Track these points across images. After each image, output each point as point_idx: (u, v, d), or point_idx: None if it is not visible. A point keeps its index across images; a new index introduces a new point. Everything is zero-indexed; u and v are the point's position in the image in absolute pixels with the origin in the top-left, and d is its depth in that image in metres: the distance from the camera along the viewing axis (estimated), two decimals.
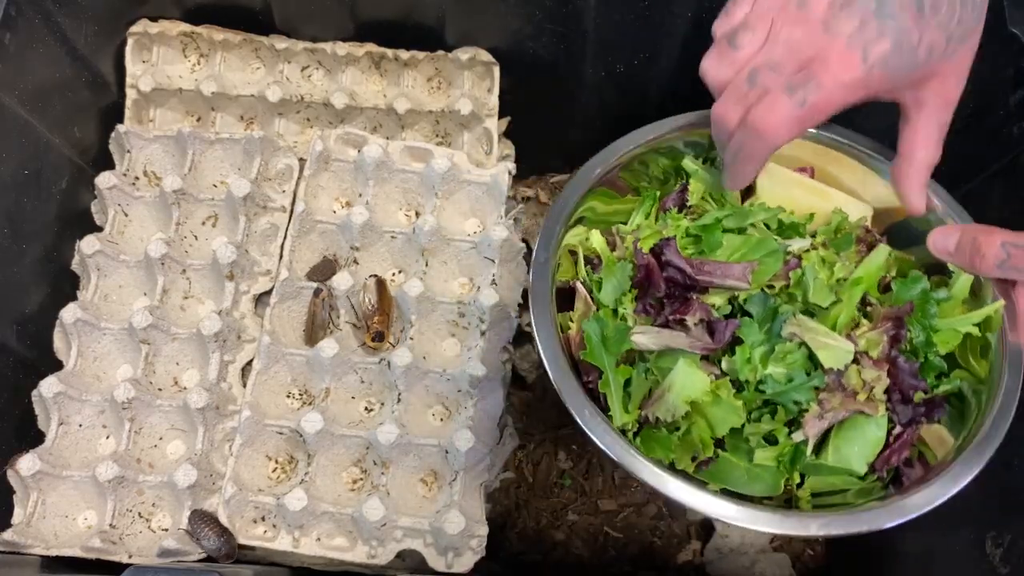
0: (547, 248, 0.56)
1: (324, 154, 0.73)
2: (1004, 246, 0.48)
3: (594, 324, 0.53)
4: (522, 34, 0.77)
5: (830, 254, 0.55)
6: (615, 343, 0.52)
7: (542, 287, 0.54)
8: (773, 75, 0.47)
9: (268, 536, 0.64)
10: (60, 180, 0.71)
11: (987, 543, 0.60)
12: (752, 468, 0.51)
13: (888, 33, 0.46)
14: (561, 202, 0.58)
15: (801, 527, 0.47)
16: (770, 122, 0.47)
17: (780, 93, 0.46)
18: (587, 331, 0.53)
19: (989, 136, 0.65)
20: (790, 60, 0.47)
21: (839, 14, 0.46)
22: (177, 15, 0.77)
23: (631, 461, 0.49)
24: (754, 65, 0.48)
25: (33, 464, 0.62)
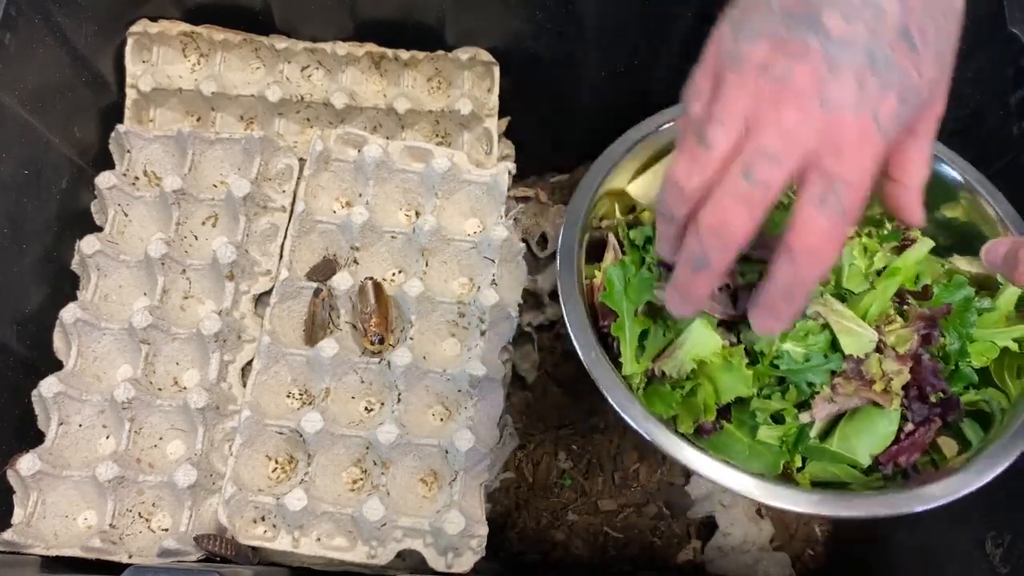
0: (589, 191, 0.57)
1: (324, 154, 0.73)
2: None
3: (619, 270, 0.54)
4: (522, 34, 0.77)
5: (873, 243, 0.54)
6: (636, 291, 0.53)
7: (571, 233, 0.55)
8: (775, 168, 0.39)
9: (268, 536, 0.64)
10: (60, 180, 0.71)
11: (987, 543, 0.60)
12: (754, 444, 0.51)
13: (891, 86, 0.39)
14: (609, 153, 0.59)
15: (791, 501, 0.47)
16: (820, 242, 0.39)
17: (810, 210, 0.39)
18: (611, 275, 0.54)
19: (989, 136, 0.65)
20: (789, 150, 0.39)
21: (830, 81, 0.39)
22: (177, 15, 0.77)
23: (627, 407, 0.49)
24: (745, 160, 0.39)
25: (33, 464, 0.62)
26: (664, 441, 0.48)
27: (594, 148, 0.61)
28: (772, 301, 0.42)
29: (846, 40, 0.39)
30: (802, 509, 0.47)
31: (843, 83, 0.39)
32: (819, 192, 0.39)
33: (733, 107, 0.40)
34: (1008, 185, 0.63)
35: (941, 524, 0.66)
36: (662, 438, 0.48)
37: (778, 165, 0.39)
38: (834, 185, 0.39)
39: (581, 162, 0.87)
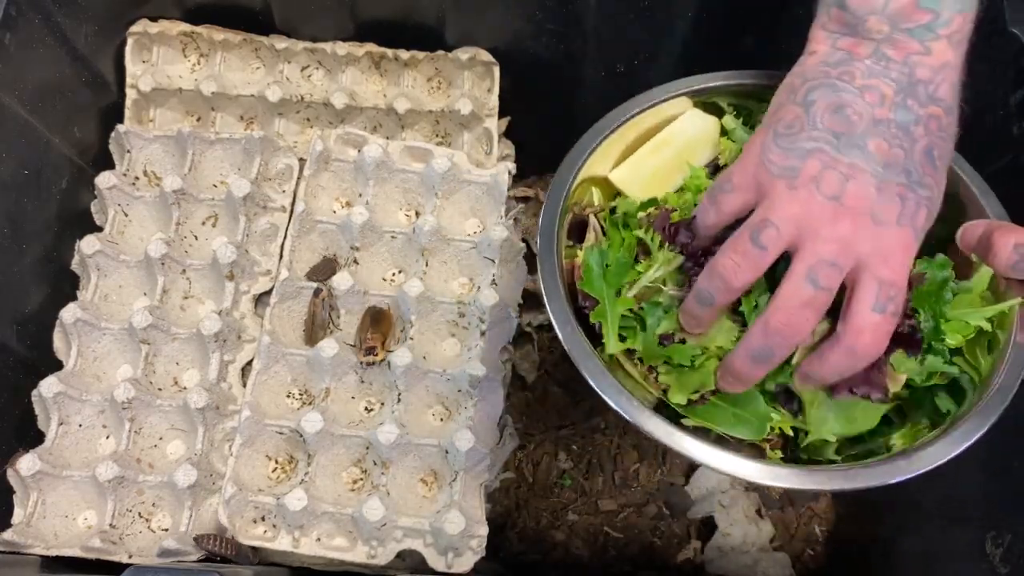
0: (570, 171, 0.56)
1: (324, 154, 0.73)
2: (1017, 248, 0.48)
3: (596, 254, 0.53)
4: (522, 34, 0.77)
5: None
6: (615, 274, 0.53)
7: (553, 209, 0.55)
8: (835, 273, 0.44)
9: (268, 536, 0.64)
10: (60, 180, 0.71)
11: (987, 543, 0.60)
12: (738, 412, 0.51)
13: (923, 203, 0.45)
14: (591, 134, 0.58)
15: (771, 477, 0.47)
16: (878, 341, 0.45)
17: (868, 314, 0.44)
18: (587, 261, 0.53)
19: (989, 136, 0.64)
20: (847, 257, 0.44)
21: (878, 200, 0.44)
22: (177, 15, 0.77)
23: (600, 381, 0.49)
24: (812, 265, 0.44)
25: (33, 464, 0.62)
26: (637, 414, 0.49)
27: None
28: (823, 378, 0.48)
29: (889, 162, 0.45)
30: (769, 482, 0.48)
31: (889, 200, 0.44)
32: (876, 298, 0.44)
33: (788, 215, 0.45)
34: (1008, 185, 0.63)
35: (941, 524, 0.66)
36: (634, 411, 0.49)
37: (838, 271, 0.44)
38: (890, 291, 0.44)
39: None
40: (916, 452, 0.48)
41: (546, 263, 0.53)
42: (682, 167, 0.59)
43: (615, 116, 0.60)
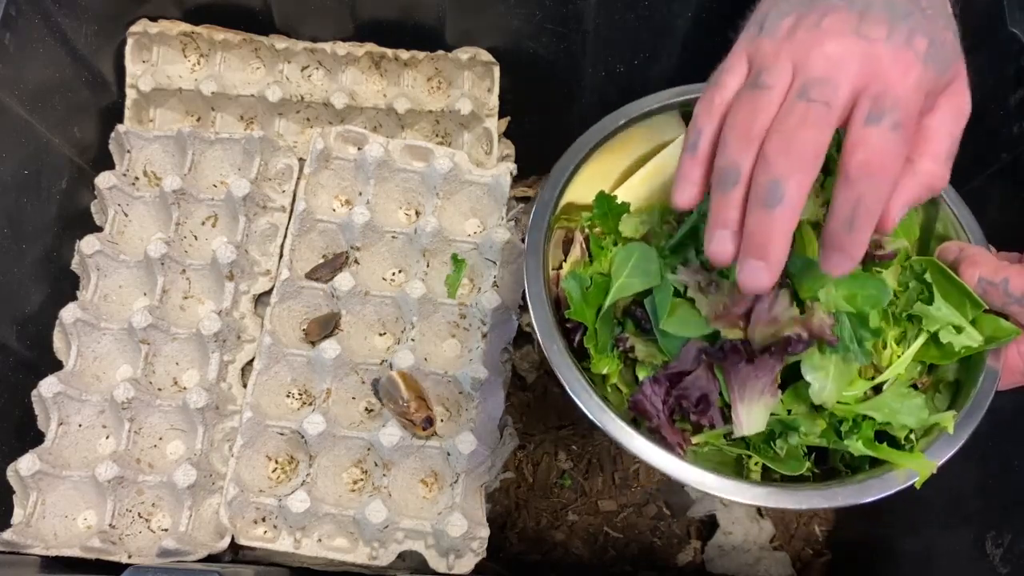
0: (552, 191, 0.56)
1: (325, 152, 0.73)
2: (981, 282, 0.48)
3: (573, 281, 0.53)
4: (522, 34, 0.77)
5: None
6: (595, 296, 0.53)
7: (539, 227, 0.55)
8: (828, 88, 0.40)
9: (269, 537, 0.64)
10: (60, 180, 0.71)
11: (987, 543, 0.60)
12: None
13: (919, 31, 0.41)
14: (575, 148, 0.58)
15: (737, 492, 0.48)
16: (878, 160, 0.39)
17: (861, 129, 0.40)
18: (568, 288, 0.53)
19: (989, 136, 0.65)
20: (837, 73, 0.40)
21: (862, 23, 0.41)
22: (177, 15, 0.77)
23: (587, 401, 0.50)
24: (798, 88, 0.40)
25: (33, 464, 0.62)
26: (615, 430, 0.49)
27: None
28: (836, 237, 0.41)
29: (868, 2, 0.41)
30: (748, 501, 0.48)
31: (875, 23, 0.41)
32: (868, 111, 0.40)
33: (778, 56, 0.42)
34: (1008, 185, 0.63)
35: (941, 524, 0.66)
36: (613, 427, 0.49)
37: (831, 87, 0.40)
38: (884, 103, 0.40)
39: None
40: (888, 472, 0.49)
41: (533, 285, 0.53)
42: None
43: (598, 131, 0.59)
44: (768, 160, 0.40)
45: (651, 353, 0.52)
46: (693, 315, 0.49)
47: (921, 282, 0.51)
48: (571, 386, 0.50)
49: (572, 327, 0.54)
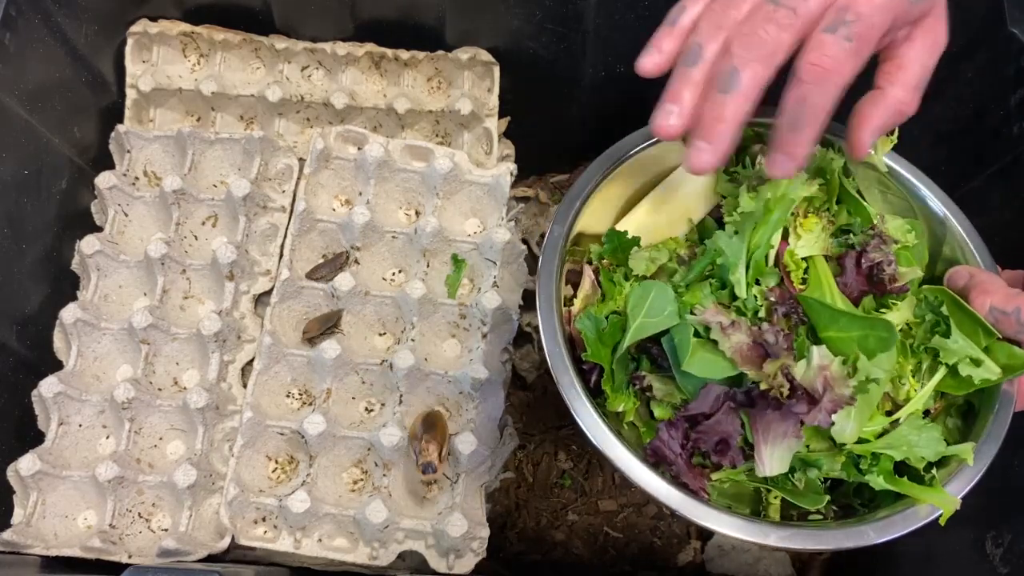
0: (563, 223, 0.55)
1: (325, 152, 0.73)
2: (992, 311, 0.48)
3: (588, 321, 0.52)
4: (522, 34, 0.77)
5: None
6: (611, 335, 0.52)
7: (550, 264, 0.54)
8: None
9: (269, 537, 0.64)
10: (60, 180, 0.71)
11: (987, 543, 0.60)
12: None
13: None
14: (584, 179, 0.57)
15: (760, 535, 0.47)
16: (828, 64, 0.42)
17: (820, 35, 0.42)
18: (583, 330, 0.52)
19: (989, 136, 0.65)
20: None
21: None
22: (177, 15, 0.77)
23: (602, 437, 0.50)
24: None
25: (33, 464, 0.62)
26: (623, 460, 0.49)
27: (594, 149, 0.60)
28: (781, 136, 0.44)
29: None
30: (774, 544, 0.48)
31: None
32: (830, 20, 0.42)
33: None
34: (1008, 185, 0.63)
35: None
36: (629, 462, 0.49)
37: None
38: (845, 14, 0.42)
39: (581, 162, 0.87)
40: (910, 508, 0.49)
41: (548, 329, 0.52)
42: (681, 222, 0.59)
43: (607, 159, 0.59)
44: (730, 50, 0.43)
45: (669, 392, 0.51)
46: (715, 356, 0.49)
47: (937, 315, 0.51)
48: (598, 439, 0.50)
49: (588, 367, 0.53)
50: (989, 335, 0.49)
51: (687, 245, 0.57)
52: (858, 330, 0.48)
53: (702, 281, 0.53)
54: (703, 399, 0.49)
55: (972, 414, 0.53)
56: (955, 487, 0.49)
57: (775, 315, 0.50)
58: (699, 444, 0.50)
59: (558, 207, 0.57)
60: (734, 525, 0.48)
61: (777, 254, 0.53)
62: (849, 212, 0.57)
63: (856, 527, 0.49)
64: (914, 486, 0.49)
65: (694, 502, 0.48)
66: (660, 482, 0.49)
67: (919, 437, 0.50)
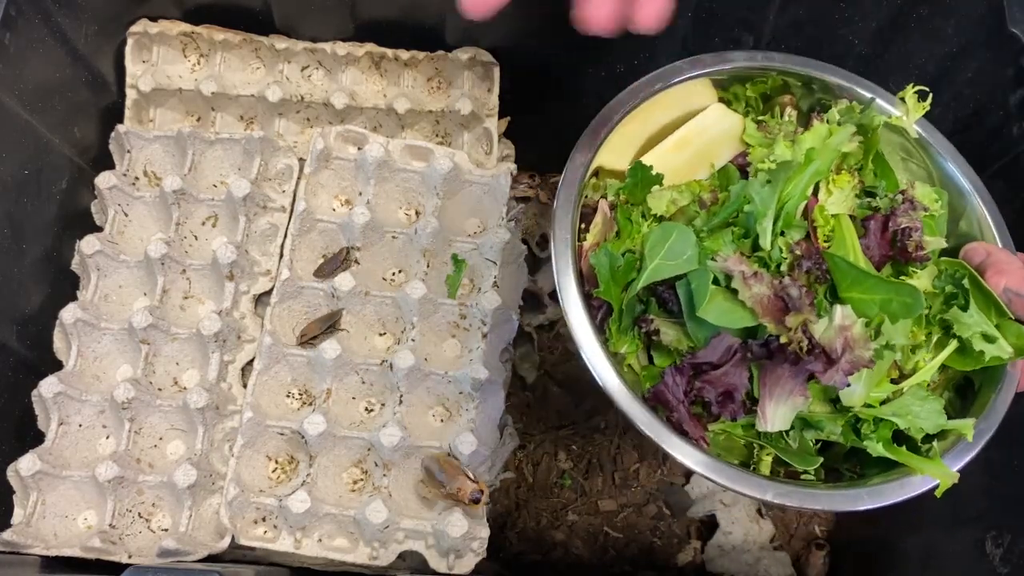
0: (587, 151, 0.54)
1: (325, 152, 0.73)
2: (1007, 292, 0.49)
3: (602, 257, 0.51)
4: (522, 34, 0.76)
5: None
6: (624, 273, 0.51)
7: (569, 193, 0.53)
8: None
9: (269, 537, 0.64)
10: (60, 180, 0.71)
11: (987, 543, 0.60)
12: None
13: None
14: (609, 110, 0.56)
15: (759, 490, 0.47)
16: None
17: None
18: (596, 265, 0.51)
19: (989, 136, 0.65)
20: None
21: None
22: (177, 15, 0.77)
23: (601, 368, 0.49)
24: None
25: (33, 464, 0.62)
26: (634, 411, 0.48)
27: None
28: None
29: None
30: (764, 497, 0.47)
31: None
32: None
33: None
34: (1008, 185, 0.63)
35: (941, 524, 0.66)
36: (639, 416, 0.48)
37: None
38: None
39: None
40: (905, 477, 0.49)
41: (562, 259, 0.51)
42: (703, 165, 0.58)
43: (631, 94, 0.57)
44: None
45: (677, 338, 0.50)
46: (734, 305, 0.48)
47: (958, 287, 0.51)
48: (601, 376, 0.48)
49: (597, 304, 0.52)
50: (1001, 314, 0.49)
51: (710, 189, 0.55)
52: (883, 293, 0.47)
53: (725, 228, 0.52)
54: (713, 348, 0.49)
55: (970, 390, 0.53)
56: (951, 462, 0.49)
57: (798, 270, 0.49)
58: (702, 393, 0.49)
59: (583, 135, 0.55)
60: (732, 476, 0.47)
61: (806, 208, 0.52)
62: (875, 175, 0.56)
63: (851, 490, 0.49)
64: (913, 456, 0.49)
65: (693, 449, 0.47)
66: (654, 421, 0.48)
67: (921, 408, 0.49)
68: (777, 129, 0.56)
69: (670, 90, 0.58)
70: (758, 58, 0.59)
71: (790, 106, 0.59)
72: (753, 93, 0.61)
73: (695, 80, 0.59)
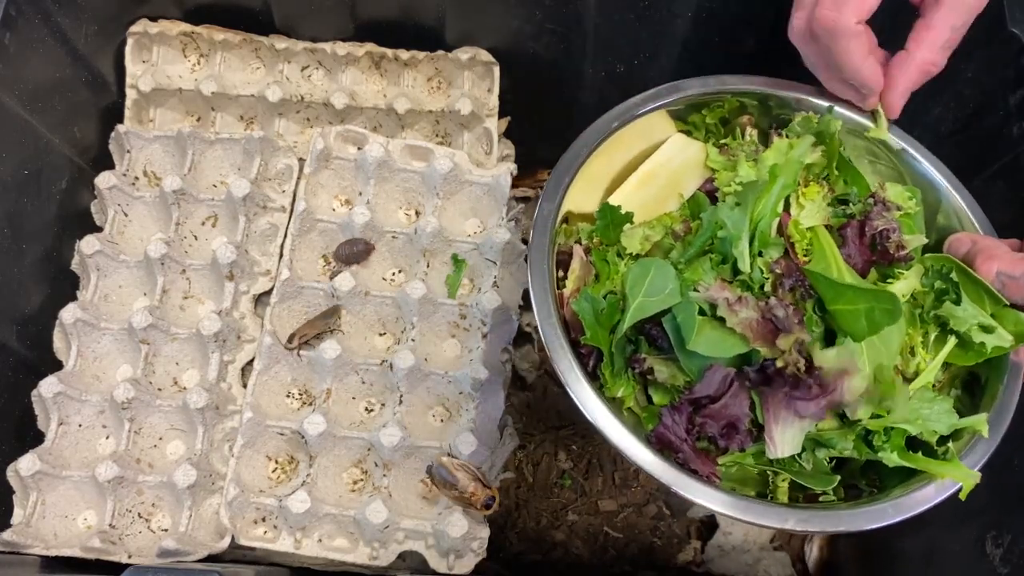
0: (552, 199, 0.54)
1: (325, 152, 0.73)
2: (1000, 276, 0.48)
3: (583, 303, 0.50)
4: (522, 34, 0.77)
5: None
6: (608, 316, 0.50)
7: (542, 241, 0.52)
8: None
9: (269, 537, 0.64)
10: (60, 180, 0.71)
11: (987, 543, 0.60)
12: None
13: None
14: (571, 154, 0.56)
15: (779, 519, 0.46)
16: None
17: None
18: (580, 312, 0.50)
19: (989, 136, 0.64)
20: None
21: None
22: (177, 15, 0.77)
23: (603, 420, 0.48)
24: None
25: (33, 464, 0.62)
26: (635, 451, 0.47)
27: None
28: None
29: None
30: (785, 526, 0.46)
31: None
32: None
33: None
34: (1008, 185, 0.63)
35: (941, 524, 0.66)
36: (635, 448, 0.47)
37: None
38: None
39: None
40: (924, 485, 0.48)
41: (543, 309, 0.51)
42: (672, 196, 0.57)
43: (592, 135, 0.57)
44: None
45: (672, 375, 0.50)
46: (723, 334, 0.47)
47: (946, 281, 0.50)
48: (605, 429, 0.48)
49: (586, 351, 0.51)
50: (996, 302, 0.49)
51: (681, 220, 0.55)
52: (864, 303, 0.46)
53: (702, 257, 0.51)
54: (708, 381, 0.48)
55: (977, 386, 0.52)
56: (970, 461, 0.48)
57: (781, 289, 0.49)
58: (705, 428, 0.48)
59: (546, 184, 0.55)
60: (749, 510, 0.46)
61: (780, 225, 0.52)
62: (846, 181, 0.56)
63: (873, 506, 0.47)
64: (930, 461, 0.48)
65: (705, 487, 0.46)
66: (666, 467, 0.47)
67: (931, 410, 0.48)
68: (739, 151, 0.56)
69: (629, 126, 0.58)
70: (711, 84, 0.59)
71: (749, 126, 0.59)
72: (712, 119, 0.60)
73: (653, 114, 0.59)
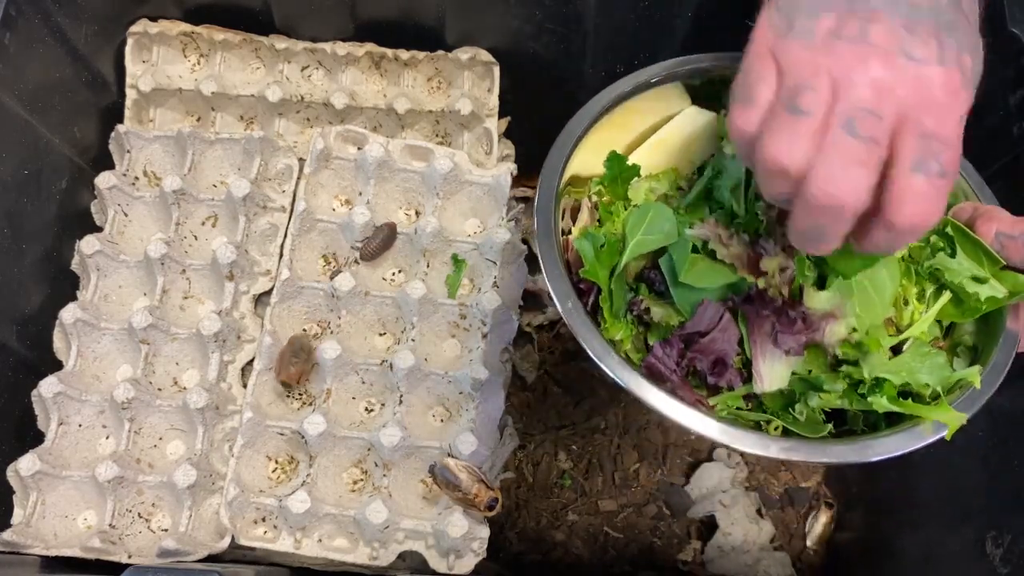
0: (562, 151, 0.55)
1: (325, 152, 0.73)
2: (999, 236, 0.48)
3: (586, 241, 0.52)
4: (522, 34, 0.77)
5: None
6: (608, 255, 0.52)
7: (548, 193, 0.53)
8: (877, 122, 0.37)
9: (269, 537, 0.64)
10: (60, 180, 0.71)
11: (987, 543, 0.60)
12: None
13: (964, 46, 0.39)
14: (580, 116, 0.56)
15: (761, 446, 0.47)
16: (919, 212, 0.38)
17: (909, 177, 0.37)
18: (580, 248, 0.52)
19: (989, 136, 0.65)
20: (885, 104, 0.37)
21: (909, 39, 0.38)
22: (177, 15, 0.77)
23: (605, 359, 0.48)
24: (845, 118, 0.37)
25: (33, 464, 0.62)
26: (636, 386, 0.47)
27: None
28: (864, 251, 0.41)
29: (914, 4, 0.39)
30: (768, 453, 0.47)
31: (923, 40, 0.38)
32: (918, 154, 0.37)
33: (817, 72, 0.38)
34: (1008, 185, 0.63)
35: (941, 524, 0.67)
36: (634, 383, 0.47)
37: (878, 120, 0.37)
38: (933, 145, 0.37)
39: None
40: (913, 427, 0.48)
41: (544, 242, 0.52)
42: (683, 164, 0.58)
43: (603, 98, 0.58)
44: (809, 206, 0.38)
45: (667, 314, 0.51)
46: (715, 267, 0.49)
47: (942, 236, 0.50)
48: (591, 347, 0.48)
49: (586, 288, 0.53)
50: (994, 262, 0.49)
51: (687, 177, 0.57)
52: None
53: (700, 203, 0.53)
54: (699, 317, 0.49)
55: (977, 356, 0.52)
56: (960, 409, 0.48)
57: (775, 234, 0.50)
58: (694, 363, 0.50)
59: (557, 138, 0.56)
60: (735, 436, 0.46)
61: None
62: None
63: (857, 442, 0.48)
64: (919, 406, 0.48)
65: (694, 411, 0.47)
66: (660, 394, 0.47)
67: (923, 364, 0.49)
68: None
69: (642, 97, 0.58)
70: (725, 59, 0.59)
71: None
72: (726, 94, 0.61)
73: (669, 87, 0.59)
